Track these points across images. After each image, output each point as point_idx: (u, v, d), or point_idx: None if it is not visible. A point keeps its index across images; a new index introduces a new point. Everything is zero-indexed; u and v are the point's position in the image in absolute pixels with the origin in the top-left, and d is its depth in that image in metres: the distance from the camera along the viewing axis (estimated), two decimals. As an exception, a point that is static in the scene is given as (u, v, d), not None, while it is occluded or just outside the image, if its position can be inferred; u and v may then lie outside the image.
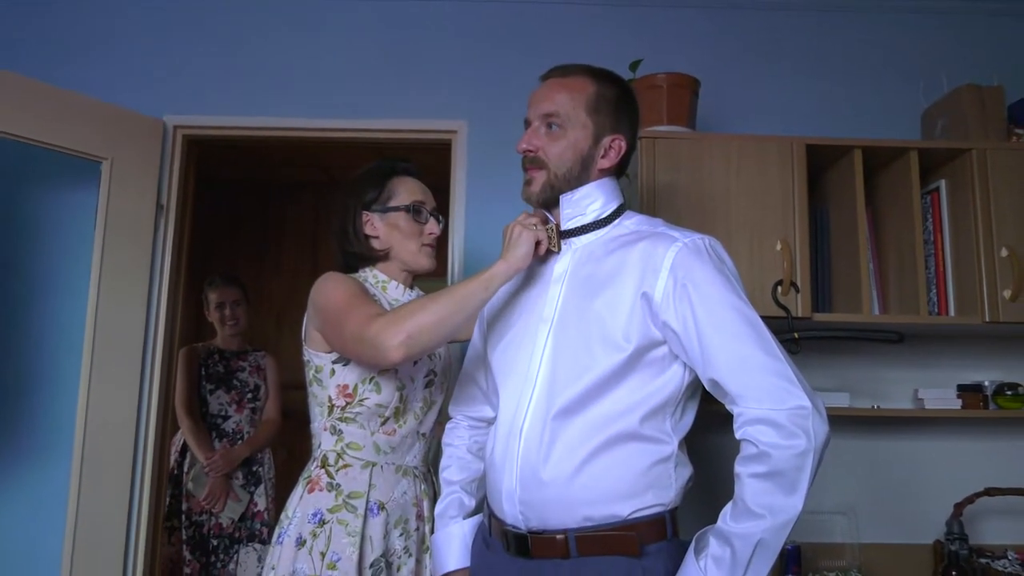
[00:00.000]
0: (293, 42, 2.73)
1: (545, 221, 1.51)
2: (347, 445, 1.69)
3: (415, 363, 1.74)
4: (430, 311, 1.42)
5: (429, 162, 2.66)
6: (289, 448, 3.91)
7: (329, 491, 1.66)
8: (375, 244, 1.78)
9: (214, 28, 2.74)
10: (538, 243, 1.46)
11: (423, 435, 1.79)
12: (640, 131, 2.13)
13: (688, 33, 2.74)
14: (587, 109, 1.45)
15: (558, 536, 1.35)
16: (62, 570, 2.31)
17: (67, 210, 2.54)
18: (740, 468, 1.26)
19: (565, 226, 1.50)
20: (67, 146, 2.39)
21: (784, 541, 1.23)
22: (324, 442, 1.72)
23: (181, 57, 2.72)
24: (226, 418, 3.24)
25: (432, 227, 1.81)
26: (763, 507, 1.21)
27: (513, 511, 1.40)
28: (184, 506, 3.14)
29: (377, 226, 1.78)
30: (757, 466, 1.23)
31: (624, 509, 1.33)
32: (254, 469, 3.24)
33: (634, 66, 2.27)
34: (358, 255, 1.80)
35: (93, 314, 2.42)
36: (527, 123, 1.50)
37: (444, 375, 1.84)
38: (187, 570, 3.08)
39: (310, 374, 1.74)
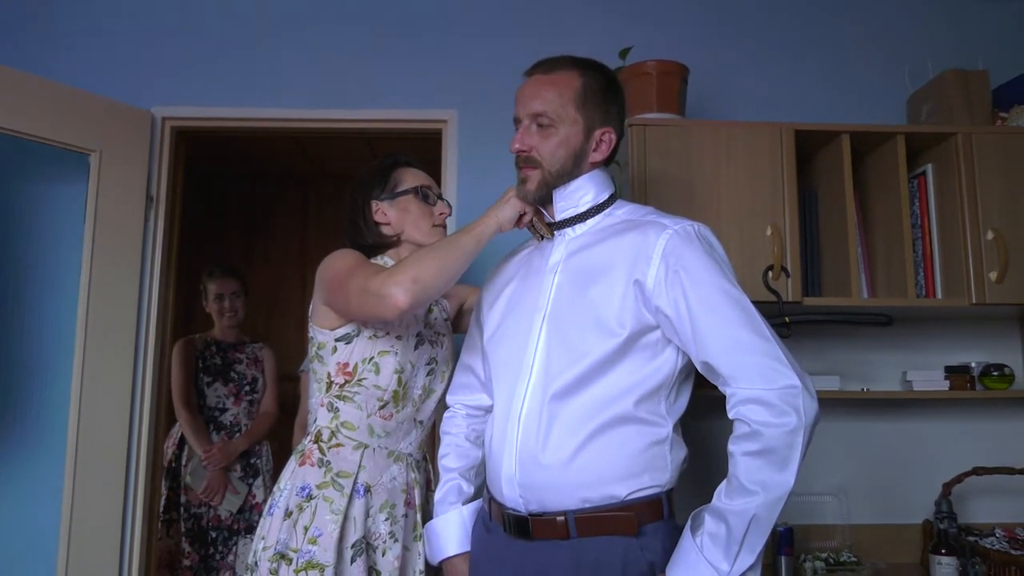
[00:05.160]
0: (281, 32, 2.72)
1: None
2: (342, 424, 1.71)
3: (416, 348, 1.75)
4: (432, 259, 1.47)
5: (419, 152, 2.66)
6: (282, 440, 3.91)
7: (319, 467, 1.67)
8: (386, 231, 1.81)
9: (202, 19, 2.73)
10: (523, 215, 1.52)
11: (420, 422, 1.80)
12: (630, 118, 2.15)
13: (676, 19, 2.74)
14: (575, 104, 1.46)
15: (558, 518, 1.38)
16: (58, 563, 2.31)
17: (56, 203, 2.52)
18: (733, 447, 1.29)
19: (559, 217, 1.52)
20: (54, 138, 2.38)
21: (777, 517, 1.26)
22: (320, 418, 1.73)
23: (169, 48, 2.70)
24: (224, 411, 3.24)
25: (442, 208, 1.84)
26: (756, 484, 1.24)
27: (513, 495, 1.42)
28: (183, 499, 3.14)
29: (388, 213, 1.81)
30: (749, 444, 1.26)
31: (622, 490, 1.36)
32: (252, 461, 3.24)
33: (624, 53, 2.28)
34: (370, 246, 1.82)
35: (84, 307, 2.41)
36: (516, 121, 1.51)
37: (445, 364, 1.85)
38: (186, 562, 3.09)
39: (312, 351, 1.76)
